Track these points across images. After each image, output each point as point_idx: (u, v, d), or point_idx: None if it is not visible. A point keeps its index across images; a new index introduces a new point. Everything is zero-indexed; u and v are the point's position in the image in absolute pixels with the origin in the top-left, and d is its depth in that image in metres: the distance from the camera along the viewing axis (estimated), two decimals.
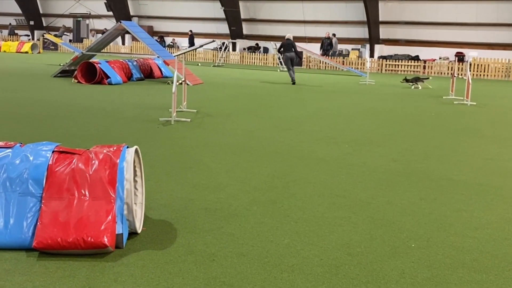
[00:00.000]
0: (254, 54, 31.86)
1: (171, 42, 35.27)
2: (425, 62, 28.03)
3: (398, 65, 28.37)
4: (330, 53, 29.48)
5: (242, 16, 33.72)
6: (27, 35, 40.28)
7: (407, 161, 6.96)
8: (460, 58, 26.68)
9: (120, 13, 35.25)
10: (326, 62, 28.73)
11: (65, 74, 17.70)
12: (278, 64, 27.64)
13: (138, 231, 3.98)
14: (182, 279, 3.34)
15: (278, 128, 9.19)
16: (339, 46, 30.89)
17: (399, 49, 29.98)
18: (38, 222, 3.65)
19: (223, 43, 30.12)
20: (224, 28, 33.69)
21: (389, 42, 30.30)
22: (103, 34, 20.29)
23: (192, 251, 3.75)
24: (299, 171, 6.18)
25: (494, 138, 9.02)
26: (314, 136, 8.56)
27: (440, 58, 28.56)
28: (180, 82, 10.50)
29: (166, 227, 4.20)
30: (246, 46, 33.68)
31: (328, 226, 4.38)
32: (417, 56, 29.08)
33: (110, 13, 36.02)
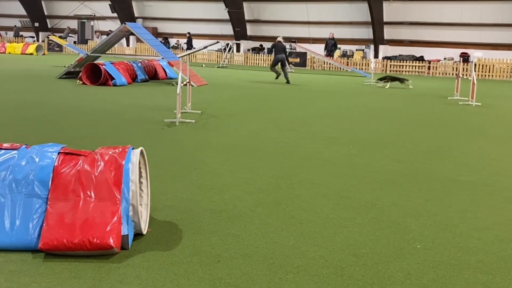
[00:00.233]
0: (258, 55, 31.89)
1: (176, 44, 35.33)
2: (429, 62, 27.99)
3: (402, 65, 28.34)
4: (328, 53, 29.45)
5: (246, 17, 33.75)
6: (32, 37, 40.43)
7: (412, 162, 6.95)
8: (464, 58, 26.63)
9: (124, 14, 35.35)
10: (330, 63, 28.72)
11: (70, 75, 17.74)
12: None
13: (144, 232, 3.99)
14: (187, 280, 3.34)
15: (283, 129, 9.19)
16: (343, 47, 30.89)
17: (404, 49, 29.95)
18: (44, 224, 3.66)
19: (227, 44, 30.15)
20: (228, 29, 33.73)
21: (393, 42, 30.26)
22: (108, 35, 20.34)
23: (197, 252, 3.76)
24: (304, 172, 6.18)
25: (499, 138, 9.00)
26: (319, 136, 8.55)
27: (444, 59, 28.52)
28: (184, 83, 10.51)
29: (171, 228, 4.21)
30: (250, 47, 33.71)
31: (333, 227, 4.38)
32: (421, 56, 29.04)
33: (115, 14, 36.12)
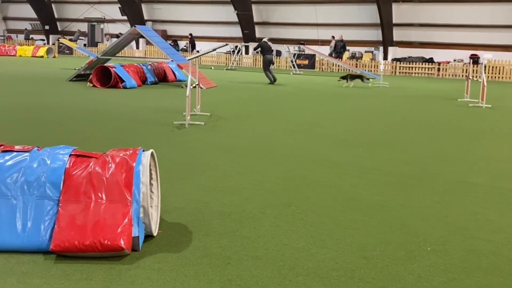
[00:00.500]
0: None
1: (185, 46, 35.43)
2: (439, 64, 27.87)
3: (412, 67, 28.25)
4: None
5: (255, 19, 33.80)
6: (43, 40, 40.70)
7: (422, 164, 6.93)
8: (474, 60, 26.49)
9: (134, 17, 35.53)
10: (339, 65, 28.68)
11: (80, 78, 17.86)
12: (291, 67, 27.64)
13: (154, 234, 4.01)
14: (197, 282, 3.36)
15: (291, 131, 9.20)
16: (352, 49, 30.83)
17: (413, 51, 29.84)
18: (55, 225, 3.69)
19: (236, 47, 30.19)
20: (237, 31, 33.78)
21: (403, 44, 30.16)
22: (118, 38, 20.45)
23: (207, 254, 3.77)
24: (313, 174, 6.17)
25: (509, 140, 8.95)
26: (327, 138, 8.55)
27: (454, 60, 28.38)
28: (194, 85, 10.55)
29: (181, 230, 4.23)
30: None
31: (342, 229, 4.37)
32: (431, 58, 28.93)
33: (125, 17, 36.32)
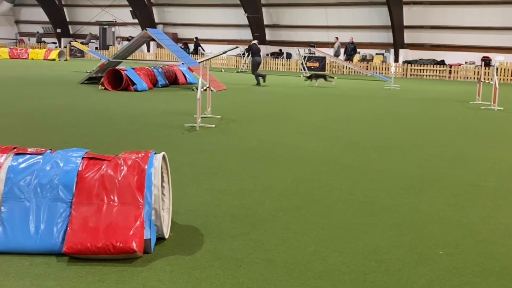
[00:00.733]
0: (277, 59, 31.91)
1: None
2: (450, 66, 27.72)
3: (423, 69, 28.12)
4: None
5: (265, 22, 33.80)
6: (54, 43, 41.02)
7: (434, 167, 6.89)
8: (486, 62, 26.31)
9: (145, 20, 35.70)
10: (349, 67, 28.62)
11: (91, 81, 17.97)
12: (301, 69, 27.63)
13: (166, 236, 4.03)
14: (209, 285, 3.37)
15: (302, 133, 9.19)
16: (363, 51, 30.75)
17: (424, 53, 29.71)
18: (68, 228, 3.72)
19: (246, 49, 30.22)
20: (247, 34, 33.80)
21: (413, 46, 30.02)
22: (129, 41, 20.55)
23: (219, 257, 3.78)
24: (324, 177, 6.17)
25: None
26: (339, 141, 8.53)
27: (466, 63, 28.21)
28: (204, 88, 10.58)
29: (192, 233, 4.24)
30: (269, 52, 33.74)
31: (354, 232, 4.36)
32: (442, 60, 28.77)
33: (136, 20, 36.50)
